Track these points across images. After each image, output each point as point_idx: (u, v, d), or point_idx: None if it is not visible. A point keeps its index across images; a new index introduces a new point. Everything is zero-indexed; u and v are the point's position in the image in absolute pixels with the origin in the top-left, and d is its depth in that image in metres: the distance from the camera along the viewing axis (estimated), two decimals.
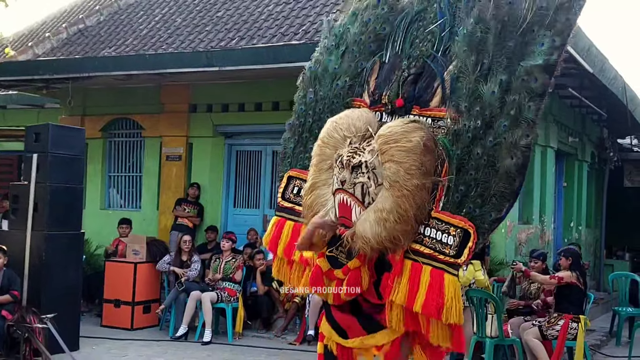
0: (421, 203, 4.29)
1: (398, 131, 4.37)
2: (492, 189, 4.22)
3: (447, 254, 4.24)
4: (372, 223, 4.29)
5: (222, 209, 11.79)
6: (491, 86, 4.24)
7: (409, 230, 4.29)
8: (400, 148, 4.29)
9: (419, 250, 4.32)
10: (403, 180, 4.25)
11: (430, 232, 4.33)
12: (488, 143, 4.22)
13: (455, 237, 4.24)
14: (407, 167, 4.25)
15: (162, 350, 8.70)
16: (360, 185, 4.38)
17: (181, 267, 9.91)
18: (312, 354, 8.59)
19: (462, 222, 4.22)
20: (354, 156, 4.44)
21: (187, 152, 11.95)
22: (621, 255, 15.52)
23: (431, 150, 4.32)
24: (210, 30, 11.14)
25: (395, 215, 4.24)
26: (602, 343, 9.59)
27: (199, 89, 11.69)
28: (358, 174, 4.39)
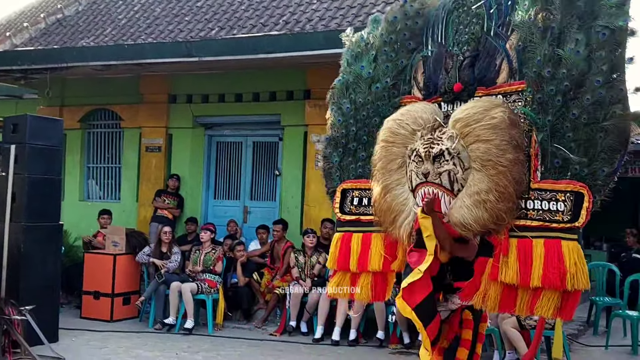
0: (519, 177, 4.18)
1: (476, 111, 4.29)
2: (599, 145, 4.11)
3: (560, 220, 4.15)
4: (471, 207, 4.20)
5: (202, 200, 11.77)
6: (573, 47, 4.14)
7: (512, 207, 4.19)
8: (485, 126, 4.21)
9: (525, 225, 4.21)
10: (496, 157, 4.15)
11: (534, 205, 4.22)
12: (585, 102, 4.11)
13: (566, 202, 4.14)
14: (497, 143, 4.16)
15: (141, 342, 8.68)
16: (446, 174, 4.29)
17: (161, 258, 9.88)
18: (292, 345, 8.65)
19: (570, 184, 4.13)
20: (432, 146, 4.34)
21: (167, 143, 11.90)
22: (599, 245, 15.66)
23: (516, 123, 4.23)
24: (189, 21, 11.08)
25: (495, 194, 4.15)
26: (579, 332, 9.69)
27: (179, 79, 11.63)
28: (442, 162, 4.30)
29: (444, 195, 4.30)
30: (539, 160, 4.21)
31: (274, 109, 10.98)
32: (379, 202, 4.68)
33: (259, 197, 11.59)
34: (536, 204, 4.20)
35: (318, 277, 9.41)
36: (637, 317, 8.86)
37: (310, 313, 9.20)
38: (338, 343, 8.64)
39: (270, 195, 11.46)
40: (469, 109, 4.36)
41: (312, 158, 10.53)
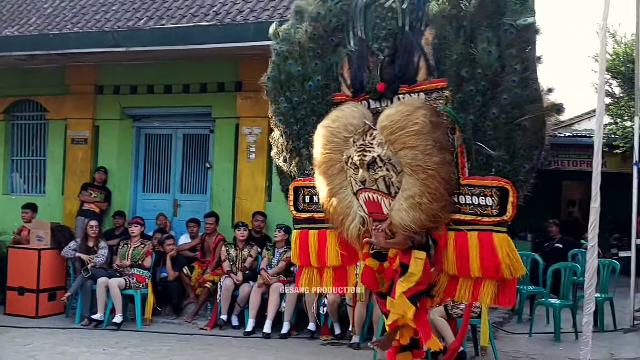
0: (447, 177, 4.35)
1: (399, 117, 4.39)
2: (518, 143, 4.27)
3: (490, 214, 4.33)
4: (408, 210, 4.35)
5: (130, 193, 11.57)
6: (485, 46, 4.24)
7: (445, 205, 4.38)
8: (409, 133, 4.32)
9: (460, 219, 4.39)
10: (423, 162, 4.30)
11: (465, 200, 4.40)
12: (503, 101, 4.24)
13: (493, 197, 4.32)
14: (422, 149, 4.30)
15: (68, 338, 8.49)
16: (382, 179, 4.46)
17: (87, 253, 9.68)
18: (223, 339, 8.61)
19: (495, 180, 4.30)
20: (364, 154, 4.48)
21: (94, 135, 11.64)
22: (523, 235, 16.09)
23: (438, 124, 4.36)
24: (117, 10, 10.84)
25: (428, 197, 4.31)
26: (504, 320, 9.95)
27: (106, 70, 11.39)
28: (376, 169, 4.46)
29: (382, 199, 4.46)
30: (465, 157, 4.34)
31: (205, 100, 10.87)
32: (326, 205, 4.85)
33: (189, 190, 11.47)
34: (467, 199, 4.38)
35: (249, 270, 9.37)
36: (559, 305, 9.17)
37: (241, 306, 9.17)
38: (269, 336, 8.64)
39: (201, 188, 11.35)
40: (392, 114, 4.48)
41: (243, 151, 10.48)
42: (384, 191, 4.48)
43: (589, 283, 6.99)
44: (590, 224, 6.92)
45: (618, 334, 9.30)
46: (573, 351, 7.98)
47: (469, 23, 4.34)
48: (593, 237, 6.94)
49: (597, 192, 6.91)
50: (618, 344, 8.65)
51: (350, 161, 4.57)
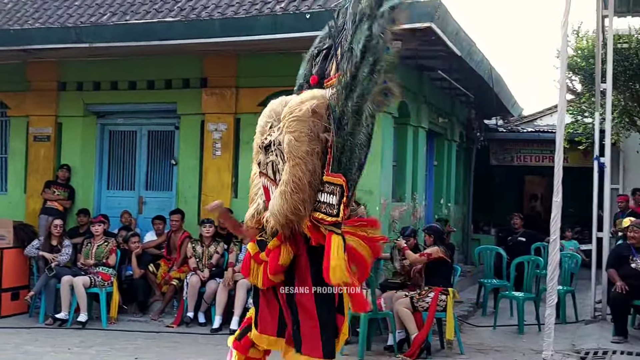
0: (313, 169, 4.29)
1: (295, 102, 4.42)
2: (356, 139, 4.31)
3: (332, 214, 4.24)
4: (277, 197, 4.32)
5: (94, 191, 11.44)
6: (359, 39, 4.34)
7: (307, 200, 4.28)
8: (292, 118, 4.32)
9: (318, 218, 4.29)
10: (295, 149, 4.27)
11: (322, 198, 4.32)
12: (355, 95, 4.28)
13: (336, 196, 4.24)
14: (297, 135, 4.27)
15: (32, 338, 8.39)
16: (270, 164, 4.47)
17: (51, 252, 9.57)
18: (189, 336, 8.59)
19: (338, 178, 4.24)
20: (266, 138, 4.54)
21: (56, 132, 11.49)
22: (487, 230, 16.35)
23: (320, 115, 4.34)
24: (80, 5, 10.71)
25: (291, 185, 4.25)
26: (469, 313, 10.09)
27: (69, 66, 11.25)
28: (269, 154, 4.48)
29: (271, 186, 4.49)
30: (331, 152, 4.34)
31: (170, 97, 10.81)
32: (250, 191, 4.85)
33: (154, 187, 11.39)
34: (324, 196, 4.33)
35: (216, 267, 9.35)
36: (522, 298, 9.32)
37: (208, 303, 9.15)
38: None
39: (166, 185, 11.28)
40: (291, 100, 4.53)
41: (209, 147, 10.45)
42: (271, 177, 4.51)
43: (551, 276, 7.13)
44: (553, 217, 7.06)
45: (580, 326, 9.49)
46: (536, 343, 8.13)
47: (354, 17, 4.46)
48: (555, 231, 7.07)
49: (559, 187, 7.04)
50: (580, 335, 8.83)
51: (259, 145, 4.67)
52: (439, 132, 13.30)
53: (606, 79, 9.69)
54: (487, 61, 11.86)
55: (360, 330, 7.63)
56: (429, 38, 8.72)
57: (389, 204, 10.26)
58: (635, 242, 8.58)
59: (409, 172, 11.35)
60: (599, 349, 7.88)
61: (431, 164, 13.22)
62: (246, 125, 10.29)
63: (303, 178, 4.26)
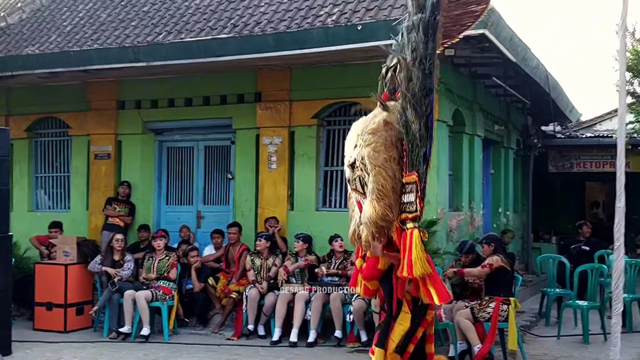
0: (393, 174, 4.55)
1: (368, 118, 4.77)
2: (419, 131, 4.55)
3: (412, 210, 4.48)
4: (367, 207, 4.56)
5: (154, 206, 11.66)
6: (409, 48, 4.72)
7: (392, 204, 4.51)
8: (368, 132, 4.65)
9: (403, 219, 4.54)
10: (374, 159, 4.55)
11: (405, 198, 4.56)
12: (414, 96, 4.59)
13: (413, 193, 4.49)
14: (374, 147, 4.57)
15: (97, 352, 8.56)
16: (358, 180, 4.71)
17: (113, 267, 9.76)
18: (250, 348, 8.64)
19: (412, 176, 4.50)
20: (351, 156, 4.81)
21: (116, 149, 11.76)
22: (547, 238, 16.02)
23: (392, 124, 4.63)
24: (136, 25, 10.97)
25: (377, 193, 4.50)
26: (532, 324, 9.89)
27: (127, 85, 11.51)
28: (355, 170, 4.73)
29: (362, 199, 4.70)
30: (407, 155, 4.59)
31: (225, 112, 10.95)
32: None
33: (212, 202, 11.53)
34: (405, 197, 4.54)
35: (274, 279, 9.40)
36: (586, 307, 9.09)
37: (267, 316, 9.19)
38: (296, 344, 8.65)
39: (223, 199, 11.41)
40: (366, 118, 4.87)
41: (264, 161, 10.53)
42: (360, 191, 4.72)
43: (616, 284, 6.93)
44: (616, 224, 6.87)
45: None
46: (602, 352, 7.92)
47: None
48: (619, 238, 6.88)
49: (621, 192, 6.85)
50: None
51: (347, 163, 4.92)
52: (495, 140, 13.13)
53: None
54: (543, 66, 11.67)
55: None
56: (483, 45, 8.65)
57: (446, 213, 10.16)
58: None
59: (466, 181, 11.23)
60: None
61: (488, 172, 13.05)
62: (300, 138, 10.36)
63: (386, 184, 4.51)
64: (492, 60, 9.80)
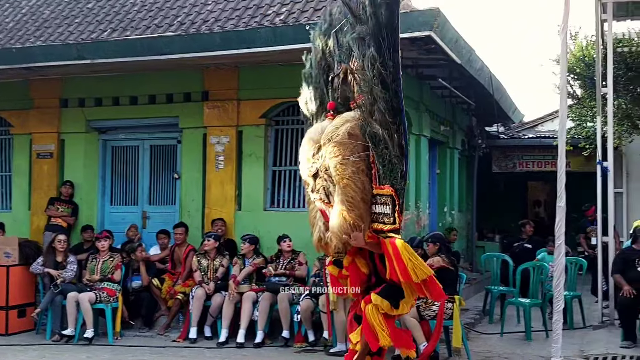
0: (362, 186, 4.64)
1: (330, 129, 4.80)
2: (393, 150, 4.65)
3: (389, 222, 4.60)
4: (335, 217, 4.67)
5: (98, 207, 11.46)
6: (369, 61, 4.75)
7: (363, 214, 4.64)
8: (333, 144, 4.71)
9: (376, 228, 4.68)
10: (342, 171, 4.63)
11: (377, 209, 4.69)
12: (378, 113, 4.66)
13: (389, 205, 4.60)
14: (339, 159, 4.65)
15: (39, 355, 8.38)
16: (322, 189, 4.81)
17: (56, 268, 9.56)
18: (196, 350, 8.57)
19: (387, 189, 4.60)
20: (312, 166, 4.90)
21: (59, 148, 11.53)
22: (491, 237, 16.31)
23: (356, 136, 4.71)
24: (80, 22, 10.78)
25: (346, 204, 4.60)
26: (476, 321, 10.05)
27: (70, 82, 11.29)
28: (319, 180, 4.83)
29: (327, 208, 4.96)
30: (375, 167, 4.68)
31: (172, 111, 10.84)
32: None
33: (157, 202, 11.40)
34: (377, 207, 4.68)
35: (221, 280, 9.33)
36: (529, 304, 9.29)
37: (214, 317, 9.13)
38: (243, 345, 8.61)
39: (169, 199, 11.29)
40: (329, 127, 4.91)
41: (212, 160, 10.46)
42: (325, 200, 4.83)
43: (557, 281, 7.10)
44: (557, 222, 7.04)
45: (588, 331, 9.45)
46: (544, 349, 8.10)
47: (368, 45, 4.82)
48: (560, 236, 7.05)
49: (562, 192, 7.03)
50: (588, 340, 8.79)
51: (307, 174, 5.02)
52: (441, 140, 13.31)
53: (607, 83, 9.70)
54: (487, 68, 11.87)
55: None
56: (429, 47, 8.75)
57: None
58: None
59: (412, 181, 11.35)
60: (608, 354, 7.85)
61: (434, 172, 13.21)
62: (248, 138, 10.32)
63: (355, 196, 4.62)
64: (437, 62, 9.93)
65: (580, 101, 14.05)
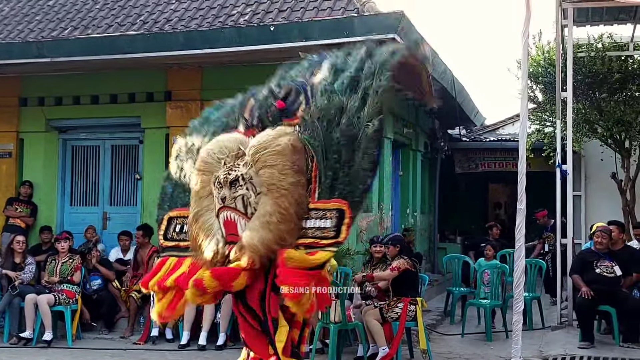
0: (299, 199, 4.54)
1: (266, 139, 4.67)
2: (356, 165, 4.60)
3: (328, 237, 4.47)
4: (258, 229, 4.47)
5: (57, 207, 11.29)
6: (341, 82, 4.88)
7: (293, 228, 4.51)
8: (271, 152, 4.58)
9: (302, 244, 4.51)
10: (278, 181, 4.51)
11: (311, 224, 4.56)
12: (343, 126, 4.63)
13: (332, 219, 4.49)
14: (279, 168, 4.53)
15: None
16: (240, 198, 4.58)
17: (14, 270, 9.40)
18: (157, 352, 8.49)
19: (337, 203, 4.51)
20: (229, 173, 4.66)
21: (18, 148, 11.33)
22: (453, 238, 16.45)
23: (299, 149, 4.65)
24: (40, 20, 10.60)
25: (278, 216, 4.46)
26: (437, 322, 10.13)
27: (30, 81, 11.10)
28: (237, 187, 4.60)
29: (239, 219, 4.62)
30: (316, 181, 4.60)
31: (134, 111, 10.72)
32: (190, 228, 4.96)
33: (119, 203, 11.26)
34: (312, 222, 4.65)
35: None
36: (489, 305, 9.39)
37: (175, 319, 9.03)
38: (205, 348, 8.55)
39: (131, 200, 11.16)
40: (261, 136, 4.80)
41: None
42: (242, 211, 4.62)
43: (517, 283, 7.19)
44: (517, 225, 7.13)
45: (546, 332, 9.57)
46: (504, 350, 8.19)
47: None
48: (520, 238, 7.14)
49: (522, 194, 7.12)
50: (547, 341, 8.91)
51: (217, 180, 4.73)
52: (404, 143, 13.37)
53: (567, 87, 9.85)
54: (450, 72, 11.97)
55: (330, 341, 7.62)
56: None
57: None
58: (601, 247, 8.65)
59: (375, 183, 11.37)
60: (566, 355, 7.96)
61: (397, 174, 13.28)
62: None
63: (290, 208, 4.50)
64: None
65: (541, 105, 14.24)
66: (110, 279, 9.70)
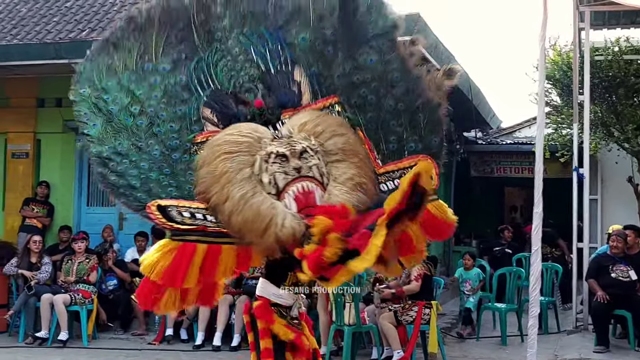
0: (371, 166, 4.48)
1: (317, 114, 4.56)
2: (422, 123, 4.55)
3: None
4: (350, 192, 4.31)
5: (74, 208, 11.36)
6: (365, 57, 4.61)
7: (374, 192, 4.41)
8: (336, 122, 4.51)
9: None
10: (355, 146, 4.44)
11: (387, 187, 4.44)
12: (395, 93, 4.56)
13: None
14: (350, 135, 4.47)
15: (12, 357, 8.30)
16: (315, 167, 4.40)
17: (30, 269, 9.46)
18: (172, 353, 8.52)
19: (412, 159, 4.41)
20: (292, 145, 4.39)
21: (35, 149, 11.41)
22: (468, 242, 16.37)
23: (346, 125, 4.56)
24: (58, 21, 10.67)
25: (366, 178, 4.37)
26: (452, 326, 10.10)
27: (47, 82, 11.16)
28: (308, 158, 4.38)
29: (317, 189, 4.37)
30: (374, 151, 4.54)
31: None
32: (236, 214, 4.35)
33: None
34: (388, 185, 4.49)
35: None
36: (505, 309, 9.35)
37: (190, 319, 9.08)
38: (219, 348, 8.57)
39: None
40: (307, 114, 4.61)
41: None
42: (319, 179, 4.39)
43: (533, 287, 7.15)
44: (534, 228, 7.09)
45: (562, 336, 9.53)
46: (519, 354, 8.15)
47: (341, 44, 4.66)
48: (536, 242, 7.10)
49: (539, 198, 7.08)
50: (562, 345, 8.87)
51: (276, 155, 4.38)
52: None
53: (584, 91, 9.80)
54: (466, 74, 11.93)
55: (345, 343, 7.61)
56: None
57: None
58: (617, 251, 8.61)
59: None
60: (582, 359, 7.92)
61: None
62: None
63: (369, 172, 4.42)
64: None
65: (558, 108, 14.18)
66: (125, 280, 9.75)
